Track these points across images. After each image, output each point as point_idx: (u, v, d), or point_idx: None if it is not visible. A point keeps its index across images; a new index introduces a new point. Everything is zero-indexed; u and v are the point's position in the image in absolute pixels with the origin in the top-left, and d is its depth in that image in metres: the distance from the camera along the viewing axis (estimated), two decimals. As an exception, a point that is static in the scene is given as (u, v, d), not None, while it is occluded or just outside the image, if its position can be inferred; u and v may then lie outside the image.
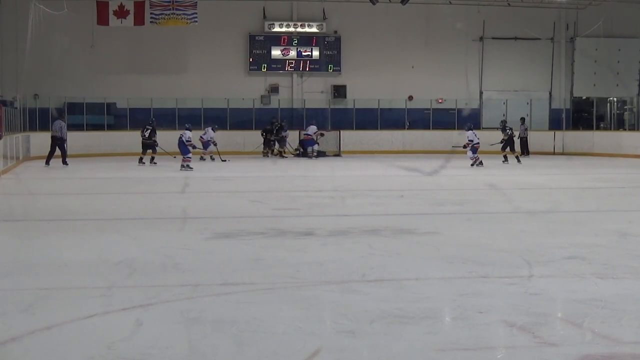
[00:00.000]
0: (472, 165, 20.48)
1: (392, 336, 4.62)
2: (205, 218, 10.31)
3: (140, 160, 21.55)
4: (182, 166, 19.49)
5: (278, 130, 25.88)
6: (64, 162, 20.31)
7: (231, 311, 5.21)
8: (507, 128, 23.24)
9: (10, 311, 5.21)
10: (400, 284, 6.05)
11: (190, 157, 19.88)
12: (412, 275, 6.42)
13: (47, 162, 20.22)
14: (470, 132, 21.03)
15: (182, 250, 7.57)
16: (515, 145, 23.96)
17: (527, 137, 26.40)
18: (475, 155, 20.69)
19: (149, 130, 21.35)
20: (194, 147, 21.21)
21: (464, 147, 21.18)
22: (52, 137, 20.49)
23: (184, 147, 20.04)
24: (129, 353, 4.29)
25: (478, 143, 20.77)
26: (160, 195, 13.92)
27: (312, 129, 25.08)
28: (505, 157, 22.50)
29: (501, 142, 23.02)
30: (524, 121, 26.91)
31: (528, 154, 25.81)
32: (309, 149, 24.88)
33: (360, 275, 6.36)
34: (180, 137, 20.27)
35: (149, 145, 21.45)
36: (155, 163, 21.32)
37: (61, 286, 6.06)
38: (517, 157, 22.58)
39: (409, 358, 4.27)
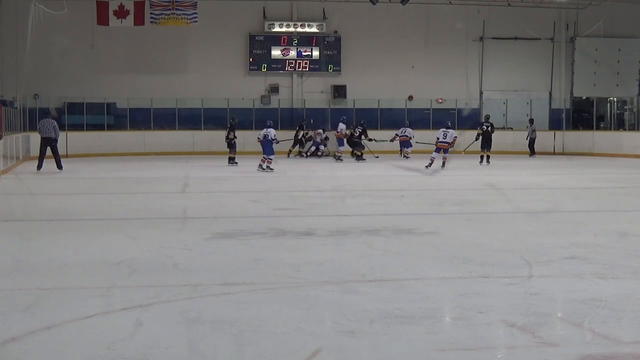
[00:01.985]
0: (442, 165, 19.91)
1: (392, 336, 4.62)
2: (205, 218, 10.31)
3: (231, 160, 21.04)
4: (262, 167, 18.85)
5: (300, 128, 25.74)
6: (59, 167, 18.18)
7: (231, 311, 5.21)
8: (484, 124, 22.72)
9: (10, 311, 5.21)
10: (400, 284, 6.06)
11: (272, 158, 19.12)
12: (412, 275, 6.42)
13: (40, 167, 18.12)
14: (452, 131, 20.44)
15: (182, 250, 7.57)
16: (521, 146, 23.78)
17: (535, 138, 26.37)
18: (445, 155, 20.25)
19: (228, 129, 20.98)
20: (277, 142, 20.28)
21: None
22: (44, 139, 18.29)
23: (269, 147, 19.14)
24: (129, 353, 4.30)
25: (444, 142, 20.16)
26: (160, 195, 13.92)
27: (341, 127, 23.99)
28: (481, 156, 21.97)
29: (476, 138, 22.55)
30: (533, 122, 26.92)
31: (533, 155, 25.82)
32: (336, 149, 23.83)
33: (360, 275, 6.36)
34: (266, 136, 19.33)
35: (229, 144, 21.07)
36: (236, 163, 20.71)
37: (61, 286, 6.06)
38: (486, 156, 22.02)
39: (409, 358, 4.28)
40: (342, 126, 24.01)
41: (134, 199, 13.25)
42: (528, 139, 26.41)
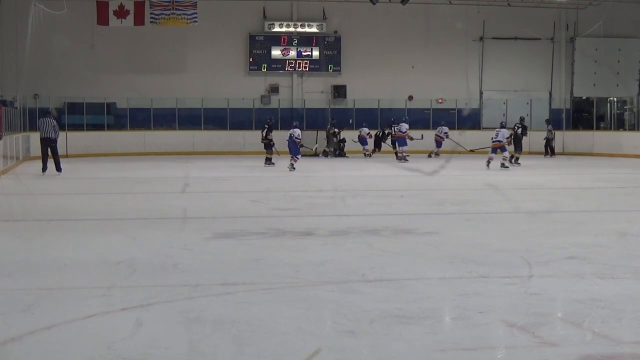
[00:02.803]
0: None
1: (392, 336, 4.62)
2: (205, 218, 10.31)
3: (268, 160, 20.86)
4: (293, 166, 18.85)
5: (329, 129, 25.72)
6: (58, 169, 17.49)
7: (231, 311, 5.21)
8: (516, 125, 22.76)
9: (10, 311, 5.21)
10: (400, 284, 6.05)
11: (298, 158, 19.17)
12: (412, 275, 6.42)
13: (44, 169, 17.47)
14: (504, 130, 20.40)
15: (182, 250, 7.57)
16: (536, 146, 23.65)
17: (552, 138, 26.27)
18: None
19: (266, 129, 20.89)
20: (302, 146, 20.65)
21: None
22: (44, 139, 17.59)
23: (294, 147, 19.20)
24: (129, 353, 4.29)
25: (497, 141, 20.18)
26: (160, 195, 13.92)
27: (404, 126, 23.72)
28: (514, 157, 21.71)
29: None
30: (550, 122, 26.93)
31: (553, 155, 25.71)
32: (399, 149, 23.58)
33: (360, 275, 6.36)
34: (290, 136, 19.33)
35: (266, 144, 20.96)
36: (273, 164, 20.50)
37: (61, 286, 6.06)
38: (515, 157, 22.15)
39: (409, 358, 4.28)
40: (405, 126, 23.80)
41: (134, 199, 13.26)
42: (545, 139, 26.29)
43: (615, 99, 30.08)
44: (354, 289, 5.85)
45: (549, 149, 26.26)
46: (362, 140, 25.80)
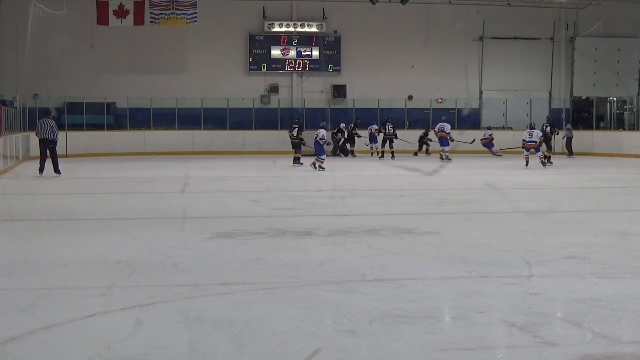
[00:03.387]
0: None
1: (392, 336, 4.62)
2: (205, 218, 10.30)
3: (297, 160, 20.86)
4: (315, 166, 19.03)
5: (353, 129, 25.72)
6: (57, 171, 17.01)
7: (231, 311, 5.21)
8: (543, 125, 22.74)
9: (10, 311, 5.21)
10: (400, 284, 6.05)
11: (324, 158, 19.28)
12: (412, 275, 6.42)
13: (42, 170, 16.97)
14: (537, 131, 20.51)
15: (182, 250, 7.57)
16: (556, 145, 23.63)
17: (572, 138, 26.16)
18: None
19: (296, 129, 20.86)
20: (328, 145, 20.71)
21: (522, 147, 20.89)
22: (42, 140, 17.11)
23: (319, 147, 19.38)
24: (129, 353, 4.29)
25: (531, 142, 20.31)
26: (160, 195, 13.92)
27: (448, 127, 23.60)
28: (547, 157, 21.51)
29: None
30: (569, 122, 26.90)
31: (572, 155, 25.70)
32: (442, 149, 23.53)
33: (360, 275, 6.36)
34: (316, 137, 19.51)
35: (296, 144, 21.02)
36: (301, 164, 20.50)
37: (61, 286, 6.06)
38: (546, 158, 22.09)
39: (409, 358, 4.28)
40: (447, 126, 23.58)
41: (134, 199, 13.25)
42: (565, 139, 26.20)
43: (615, 99, 30.08)
44: (354, 289, 5.85)
45: (571, 149, 26.02)
46: (373, 139, 25.71)
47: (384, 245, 7.95)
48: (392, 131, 24.41)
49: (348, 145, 25.70)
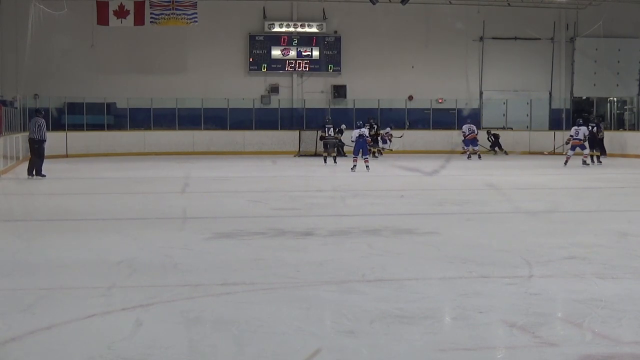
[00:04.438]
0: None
1: (392, 336, 4.62)
2: (205, 218, 10.31)
3: (332, 159, 21.44)
4: (355, 169, 18.94)
5: (376, 129, 25.72)
6: (39, 172, 16.33)
7: (231, 311, 5.21)
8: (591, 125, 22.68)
9: (10, 311, 5.21)
10: (400, 284, 6.05)
11: (367, 158, 19.20)
12: (412, 275, 6.42)
13: (30, 173, 16.40)
14: (574, 127, 20.66)
15: (182, 250, 7.57)
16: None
17: (603, 137, 25.97)
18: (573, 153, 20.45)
19: (330, 128, 20.89)
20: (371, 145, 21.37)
21: (566, 143, 20.98)
22: (29, 140, 16.60)
23: (364, 146, 19.42)
24: (129, 353, 4.30)
25: (577, 139, 20.43)
26: (160, 195, 13.92)
27: (474, 127, 25.01)
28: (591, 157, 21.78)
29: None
30: (602, 120, 26.84)
31: (605, 154, 25.55)
32: (471, 148, 24.63)
33: (360, 275, 6.36)
34: (362, 136, 19.47)
35: (332, 143, 21.53)
36: (336, 162, 20.98)
37: (61, 286, 6.06)
38: (596, 157, 22.12)
39: (409, 358, 4.28)
40: (472, 127, 24.84)
41: (134, 199, 13.25)
42: (598, 138, 25.96)
43: (615, 99, 30.06)
44: (354, 289, 5.85)
45: (601, 149, 25.75)
46: (383, 140, 26.05)
47: (384, 245, 7.95)
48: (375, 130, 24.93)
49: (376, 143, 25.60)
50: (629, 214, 11.11)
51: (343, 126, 25.82)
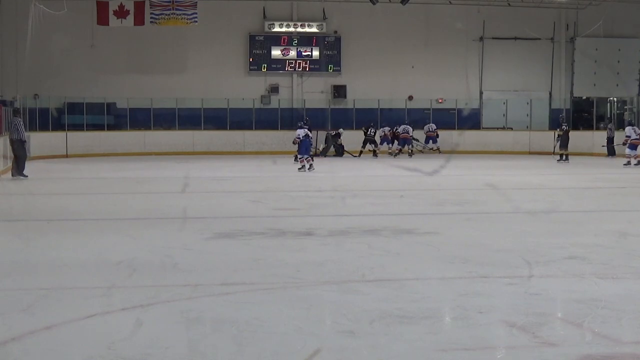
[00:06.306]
0: (625, 164, 20.37)
1: (392, 336, 4.62)
2: (205, 218, 10.30)
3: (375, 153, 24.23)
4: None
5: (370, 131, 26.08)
6: (21, 172, 16.06)
7: (231, 311, 5.21)
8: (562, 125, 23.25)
9: (10, 311, 5.21)
10: (400, 284, 6.05)
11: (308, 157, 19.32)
12: (412, 275, 6.42)
13: (16, 173, 16.19)
14: (628, 127, 20.87)
15: (182, 250, 7.57)
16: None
17: (613, 137, 25.87)
18: (634, 153, 20.57)
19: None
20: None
21: (623, 144, 21.14)
22: (9, 141, 16.29)
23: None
24: (129, 353, 4.29)
25: (637, 139, 20.54)
26: (160, 195, 13.92)
27: (408, 128, 26.07)
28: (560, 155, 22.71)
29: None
30: (611, 121, 26.91)
31: (614, 154, 25.50)
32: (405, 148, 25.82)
33: (360, 275, 6.36)
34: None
35: (371, 140, 24.69)
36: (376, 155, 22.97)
37: (61, 286, 6.06)
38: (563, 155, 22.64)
39: (409, 358, 4.28)
40: (408, 128, 25.73)
41: (134, 199, 13.25)
42: (608, 138, 25.91)
43: (615, 99, 30.05)
44: (354, 289, 5.85)
45: (611, 149, 25.68)
46: (385, 140, 26.21)
47: (384, 245, 7.95)
48: (373, 134, 25.76)
49: (373, 146, 25.73)
50: (628, 214, 11.11)
51: (341, 130, 25.91)
